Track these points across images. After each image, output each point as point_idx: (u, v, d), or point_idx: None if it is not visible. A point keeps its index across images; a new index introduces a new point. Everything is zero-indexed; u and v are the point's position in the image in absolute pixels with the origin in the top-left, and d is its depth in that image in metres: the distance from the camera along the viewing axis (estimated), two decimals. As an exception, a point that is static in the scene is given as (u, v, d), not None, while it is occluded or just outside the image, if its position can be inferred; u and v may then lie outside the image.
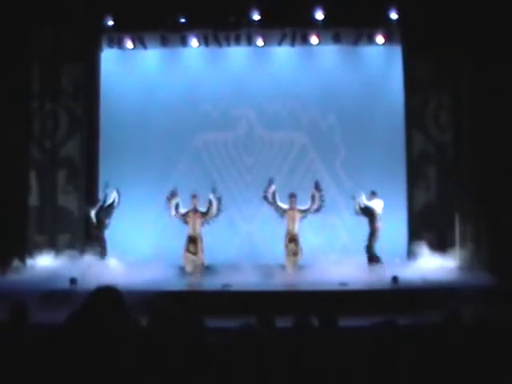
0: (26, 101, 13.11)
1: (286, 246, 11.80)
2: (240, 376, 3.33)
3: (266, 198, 11.97)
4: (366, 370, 3.37)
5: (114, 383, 2.72)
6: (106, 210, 11.97)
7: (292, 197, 11.83)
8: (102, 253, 11.81)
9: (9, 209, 12.67)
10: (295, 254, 11.75)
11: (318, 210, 11.93)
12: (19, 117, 12.94)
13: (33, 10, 12.55)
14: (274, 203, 11.89)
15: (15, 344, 3.89)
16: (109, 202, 11.94)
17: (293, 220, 11.81)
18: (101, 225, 11.93)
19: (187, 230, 11.85)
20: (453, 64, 12.79)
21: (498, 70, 12.02)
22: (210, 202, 11.82)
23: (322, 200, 11.87)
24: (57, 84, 13.36)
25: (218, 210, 11.88)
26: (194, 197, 11.81)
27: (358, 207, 11.79)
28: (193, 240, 11.79)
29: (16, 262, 12.07)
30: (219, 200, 11.89)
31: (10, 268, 11.88)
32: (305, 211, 11.86)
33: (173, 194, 11.84)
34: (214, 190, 11.85)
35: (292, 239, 11.79)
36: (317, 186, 11.95)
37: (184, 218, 11.86)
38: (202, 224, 11.89)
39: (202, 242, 11.87)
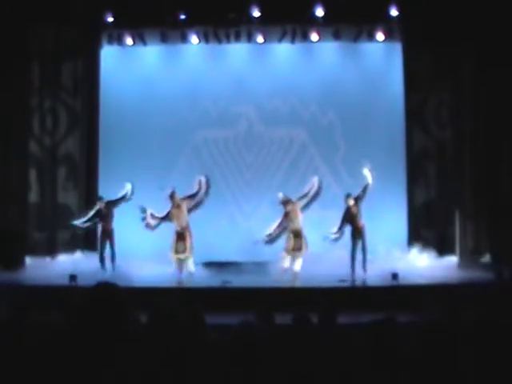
0: (26, 97, 13.10)
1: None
2: (240, 372, 3.33)
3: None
4: (365, 367, 3.37)
5: (114, 381, 2.72)
6: (115, 203, 11.99)
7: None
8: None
9: (8, 206, 12.68)
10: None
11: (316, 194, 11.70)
12: (19, 113, 12.94)
13: (33, 6, 12.54)
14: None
15: (15, 342, 3.89)
16: (121, 194, 11.94)
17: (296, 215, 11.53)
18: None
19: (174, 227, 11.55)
20: (453, 61, 12.76)
21: (499, 67, 12.01)
22: (200, 184, 11.66)
23: (319, 186, 11.67)
24: (56, 81, 13.34)
25: (206, 193, 11.67)
26: (172, 196, 11.44)
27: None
28: (180, 237, 11.46)
29: (16, 259, 12.08)
30: (208, 183, 11.70)
31: (9, 265, 11.89)
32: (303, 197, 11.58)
33: (143, 211, 11.61)
34: (206, 177, 11.75)
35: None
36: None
37: (168, 219, 11.57)
38: (189, 212, 11.59)
39: (190, 236, 11.52)
